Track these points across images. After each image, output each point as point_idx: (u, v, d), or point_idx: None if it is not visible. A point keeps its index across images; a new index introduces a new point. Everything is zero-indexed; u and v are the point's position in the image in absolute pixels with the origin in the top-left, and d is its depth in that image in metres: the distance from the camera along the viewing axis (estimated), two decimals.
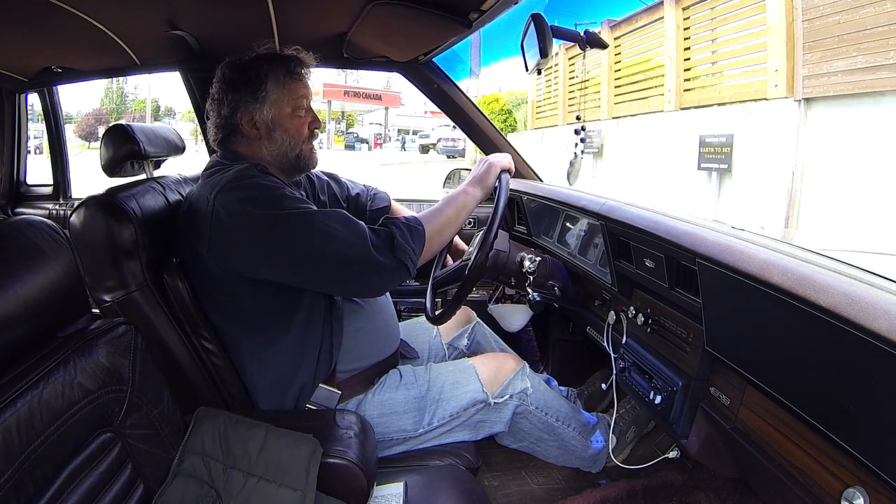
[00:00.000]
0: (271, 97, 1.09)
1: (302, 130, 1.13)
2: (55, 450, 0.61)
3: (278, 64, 1.10)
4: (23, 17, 1.32)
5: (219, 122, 1.11)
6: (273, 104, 1.09)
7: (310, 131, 1.14)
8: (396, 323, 1.25)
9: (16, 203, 2.14)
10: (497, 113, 11.55)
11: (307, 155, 1.15)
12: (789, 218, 4.28)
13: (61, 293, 0.67)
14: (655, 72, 6.06)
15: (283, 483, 0.78)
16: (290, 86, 1.10)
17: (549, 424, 1.23)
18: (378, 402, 1.11)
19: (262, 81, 1.08)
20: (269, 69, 1.09)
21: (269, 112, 1.09)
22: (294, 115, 1.11)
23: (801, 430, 0.72)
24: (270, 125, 1.10)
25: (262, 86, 1.08)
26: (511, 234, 1.77)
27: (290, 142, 1.11)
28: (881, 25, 3.65)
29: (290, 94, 1.10)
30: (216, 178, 1.01)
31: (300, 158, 1.14)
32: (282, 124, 1.10)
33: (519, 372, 1.21)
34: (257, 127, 1.09)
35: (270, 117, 1.09)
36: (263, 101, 1.08)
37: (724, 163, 4.85)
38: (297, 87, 1.11)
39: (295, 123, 1.11)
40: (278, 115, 1.10)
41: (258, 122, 1.09)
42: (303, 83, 1.12)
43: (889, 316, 0.54)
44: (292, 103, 1.11)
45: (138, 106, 26.26)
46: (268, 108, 1.09)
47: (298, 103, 1.11)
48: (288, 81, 1.10)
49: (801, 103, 4.27)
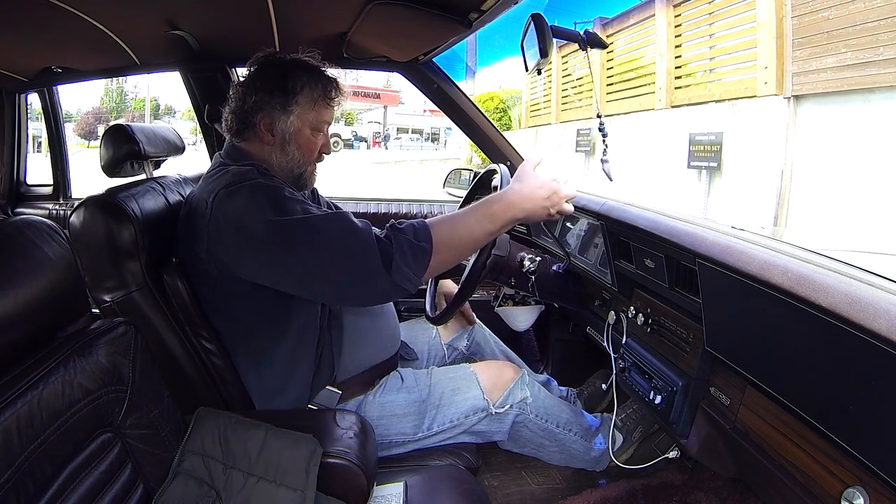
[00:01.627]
0: (298, 111, 1.06)
1: (314, 151, 1.11)
2: (55, 450, 0.61)
3: (318, 82, 1.08)
4: (23, 17, 1.32)
5: (238, 113, 1.07)
6: (297, 119, 1.07)
7: (319, 154, 1.13)
8: (398, 324, 1.24)
9: (16, 203, 2.14)
10: (492, 112, 11.52)
11: (309, 175, 1.13)
12: (778, 216, 4.28)
13: (61, 293, 0.67)
14: (646, 70, 6.08)
15: (283, 483, 0.78)
16: (321, 108, 1.08)
17: (550, 431, 1.23)
18: (378, 405, 1.11)
19: (296, 93, 1.05)
20: (307, 83, 1.06)
21: (292, 125, 1.07)
22: (312, 136, 1.10)
23: (801, 430, 0.72)
24: (287, 138, 1.07)
25: (294, 98, 1.05)
26: (511, 234, 1.77)
27: (300, 159, 1.09)
28: (870, 21, 3.65)
29: (317, 115, 1.08)
30: (217, 181, 0.99)
31: (302, 177, 1.12)
32: (298, 141, 1.08)
33: (518, 381, 1.21)
34: (274, 134, 1.07)
35: (291, 131, 1.07)
36: (290, 112, 1.06)
37: (714, 161, 4.85)
38: (327, 113, 1.10)
39: (310, 143, 1.10)
40: (298, 131, 1.07)
41: (276, 130, 1.07)
42: (332, 110, 1.11)
43: (889, 316, 0.54)
44: (315, 125, 1.09)
45: (138, 105, 26.23)
46: (291, 120, 1.06)
47: (321, 127, 1.10)
48: (321, 103, 1.08)
49: (791, 100, 4.27)
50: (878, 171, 3.64)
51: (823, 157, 4.04)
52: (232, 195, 0.94)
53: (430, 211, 1.94)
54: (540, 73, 1.21)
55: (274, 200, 0.93)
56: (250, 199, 0.93)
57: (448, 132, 26.04)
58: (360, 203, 1.95)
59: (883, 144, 3.64)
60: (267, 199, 0.93)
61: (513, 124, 11.11)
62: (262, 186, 0.95)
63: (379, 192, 1.34)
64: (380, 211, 1.93)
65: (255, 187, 0.95)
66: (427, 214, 1.93)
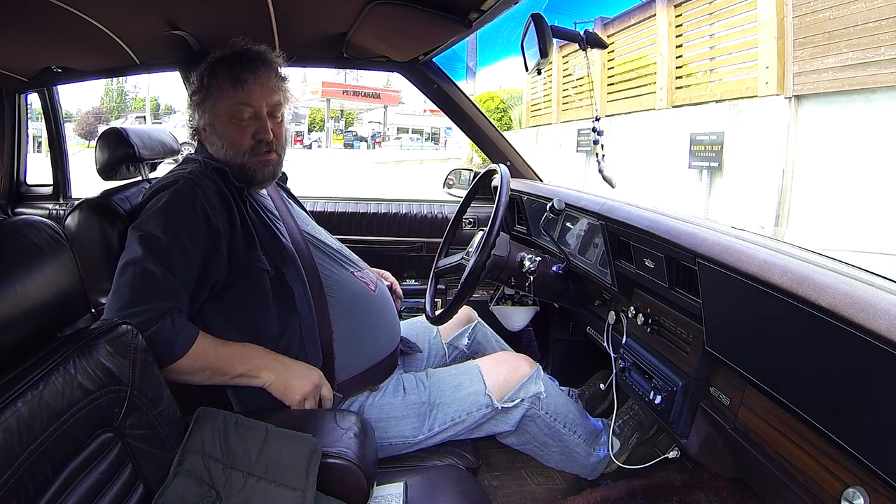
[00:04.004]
0: (210, 103, 1.04)
1: (240, 140, 1.04)
2: (55, 450, 0.61)
3: (223, 66, 1.03)
4: (23, 17, 1.32)
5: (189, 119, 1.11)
6: (210, 112, 1.05)
7: (255, 141, 1.05)
8: (396, 320, 1.23)
9: (16, 203, 2.14)
10: (492, 112, 11.51)
11: (254, 167, 1.06)
12: (779, 216, 4.28)
13: (61, 293, 0.67)
14: (647, 70, 6.08)
15: (283, 483, 0.78)
16: (231, 92, 1.03)
17: (556, 430, 1.21)
18: (377, 407, 1.10)
19: (204, 86, 1.04)
20: (214, 71, 1.03)
21: (204, 118, 1.06)
22: (231, 124, 1.04)
23: (801, 430, 0.72)
24: (207, 130, 1.06)
25: (205, 91, 1.04)
26: (511, 234, 1.77)
27: (229, 150, 1.05)
28: (871, 21, 3.64)
29: (228, 100, 1.03)
30: (159, 180, 1.02)
31: (244, 170, 1.06)
32: (219, 132, 1.05)
33: (533, 375, 1.20)
34: (204, 131, 1.07)
35: (207, 123, 1.06)
36: (205, 107, 1.05)
37: (715, 161, 4.85)
38: (237, 95, 1.03)
39: (231, 132, 1.05)
40: (213, 121, 1.05)
41: (200, 125, 1.07)
42: (245, 91, 1.03)
43: (889, 316, 0.54)
44: (229, 111, 1.04)
45: (138, 105, 26.26)
46: (206, 114, 1.05)
47: (239, 112, 1.04)
48: (228, 87, 1.02)
49: (792, 100, 4.26)
50: (880, 172, 3.63)
51: (824, 158, 4.04)
52: (147, 202, 0.98)
53: (430, 211, 1.94)
54: (540, 73, 1.21)
55: (158, 213, 0.94)
56: (149, 210, 0.96)
57: (448, 132, 26.08)
58: (360, 203, 1.95)
59: (884, 144, 3.63)
60: (156, 211, 0.95)
61: (513, 124, 11.11)
62: (168, 200, 0.96)
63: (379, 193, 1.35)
64: (380, 211, 1.93)
65: (161, 202, 0.96)
66: (427, 215, 1.93)
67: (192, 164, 1.04)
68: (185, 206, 0.95)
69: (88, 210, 0.98)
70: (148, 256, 0.90)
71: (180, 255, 0.93)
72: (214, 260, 0.97)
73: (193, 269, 0.95)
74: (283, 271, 1.04)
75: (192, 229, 0.94)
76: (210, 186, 0.99)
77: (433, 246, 1.80)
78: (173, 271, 0.91)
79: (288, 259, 1.05)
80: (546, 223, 1.34)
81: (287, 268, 1.04)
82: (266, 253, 1.03)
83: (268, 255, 1.03)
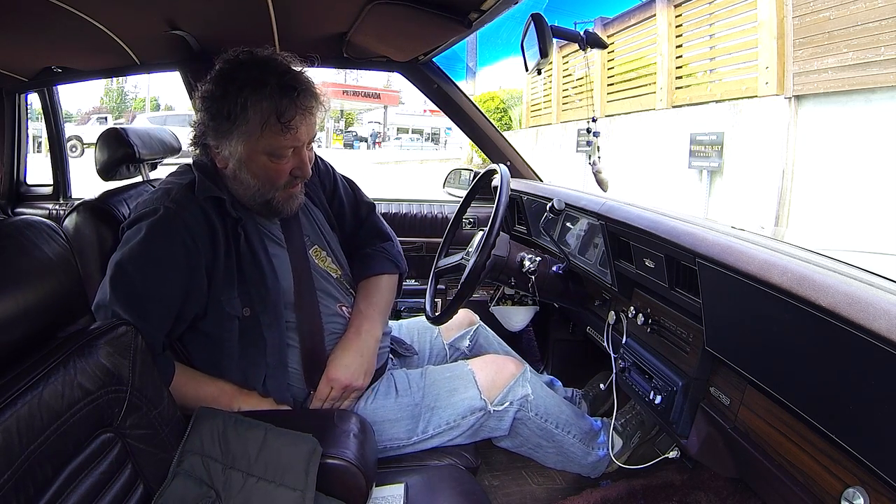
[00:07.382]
0: (244, 135, 0.90)
1: (277, 179, 0.94)
2: (55, 450, 0.61)
3: (267, 101, 0.88)
4: (23, 18, 1.32)
5: (197, 127, 0.96)
6: (243, 146, 0.91)
7: (291, 178, 0.96)
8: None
9: (16, 203, 2.14)
10: (492, 112, 11.51)
11: (282, 201, 0.97)
12: (779, 216, 4.28)
13: (61, 293, 0.67)
14: (647, 70, 6.08)
15: (283, 483, 0.78)
16: (276, 137, 0.90)
17: (549, 431, 1.20)
18: (370, 411, 1.09)
19: (236, 115, 0.88)
20: (253, 103, 0.88)
21: (237, 151, 0.91)
22: (270, 164, 0.93)
23: (801, 430, 0.72)
24: (236, 165, 0.93)
25: (235, 122, 0.89)
26: (511, 234, 1.77)
27: (260, 187, 0.95)
28: (871, 21, 3.64)
29: (268, 141, 0.90)
30: (147, 196, 0.97)
31: (270, 205, 0.97)
32: (251, 169, 0.93)
33: (520, 377, 1.18)
34: (225, 160, 0.93)
35: (237, 157, 0.92)
36: (230, 136, 0.90)
37: (715, 161, 4.86)
38: (285, 140, 0.91)
39: (269, 170, 0.93)
40: (248, 157, 0.92)
41: (222, 156, 0.93)
42: (290, 135, 0.90)
43: (889, 316, 0.54)
44: (268, 150, 0.92)
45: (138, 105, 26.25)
46: (234, 146, 0.91)
47: (278, 152, 0.92)
48: (275, 130, 0.89)
49: (792, 100, 4.26)
50: (880, 172, 3.64)
51: (824, 158, 4.04)
52: (131, 224, 0.93)
53: (430, 211, 1.94)
54: (540, 73, 1.21)
55: (136, 244, 0.89)
56: (129, 235, 0.91)
57: (448, 132, 26.07)
58: None
59: (884, 144, 3.64)
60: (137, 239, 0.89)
61: (513, 124, 11.11)
62: (147, 233, 0.90)
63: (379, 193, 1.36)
64: (379, 211, 1.93)
65: (144, 226, 0.90)
66: (427, 215, 1.93)
67: (182, 187, 0.95)
68: (162, 241, 0.89)
69: (86, 212, 0.98)
70: (118, 302, 0.88)
71: (155, 299, 0.89)
72: (195, 296, 0.93)
73: (170, 308, 0.91)
74: (259, 318, 0.97)
75: (169, 267, 0.90)
76: (196, 217, 0.92)
77: (433, 246, 1.80)
78: (145, 316, 0.87)
79: (269, 306, 0.97)
80: (546, 223, 1.34)
81: (266, 315, 0.97)
82: (244, 293, 0.96)
83: (246, 297, 0.96)
